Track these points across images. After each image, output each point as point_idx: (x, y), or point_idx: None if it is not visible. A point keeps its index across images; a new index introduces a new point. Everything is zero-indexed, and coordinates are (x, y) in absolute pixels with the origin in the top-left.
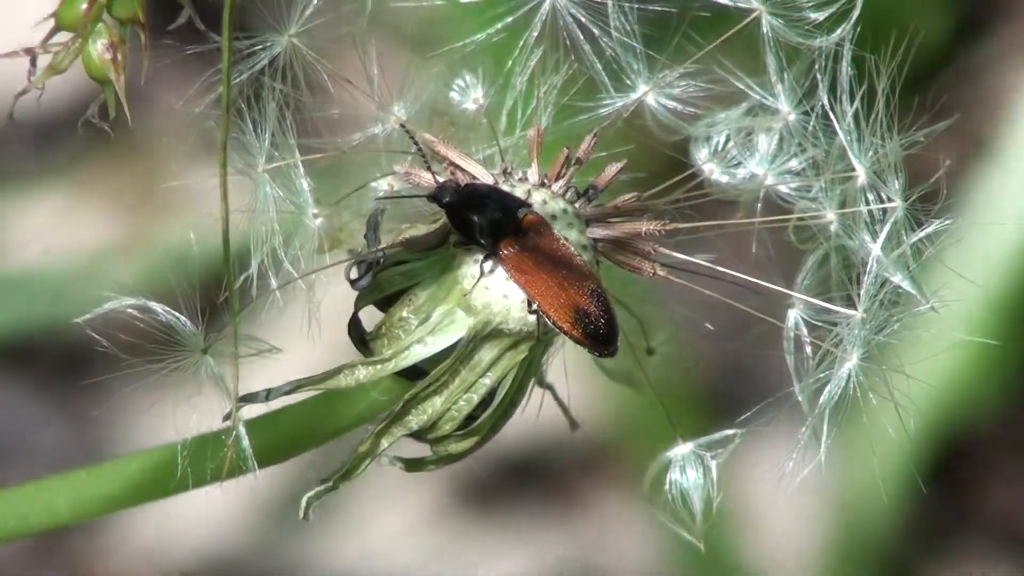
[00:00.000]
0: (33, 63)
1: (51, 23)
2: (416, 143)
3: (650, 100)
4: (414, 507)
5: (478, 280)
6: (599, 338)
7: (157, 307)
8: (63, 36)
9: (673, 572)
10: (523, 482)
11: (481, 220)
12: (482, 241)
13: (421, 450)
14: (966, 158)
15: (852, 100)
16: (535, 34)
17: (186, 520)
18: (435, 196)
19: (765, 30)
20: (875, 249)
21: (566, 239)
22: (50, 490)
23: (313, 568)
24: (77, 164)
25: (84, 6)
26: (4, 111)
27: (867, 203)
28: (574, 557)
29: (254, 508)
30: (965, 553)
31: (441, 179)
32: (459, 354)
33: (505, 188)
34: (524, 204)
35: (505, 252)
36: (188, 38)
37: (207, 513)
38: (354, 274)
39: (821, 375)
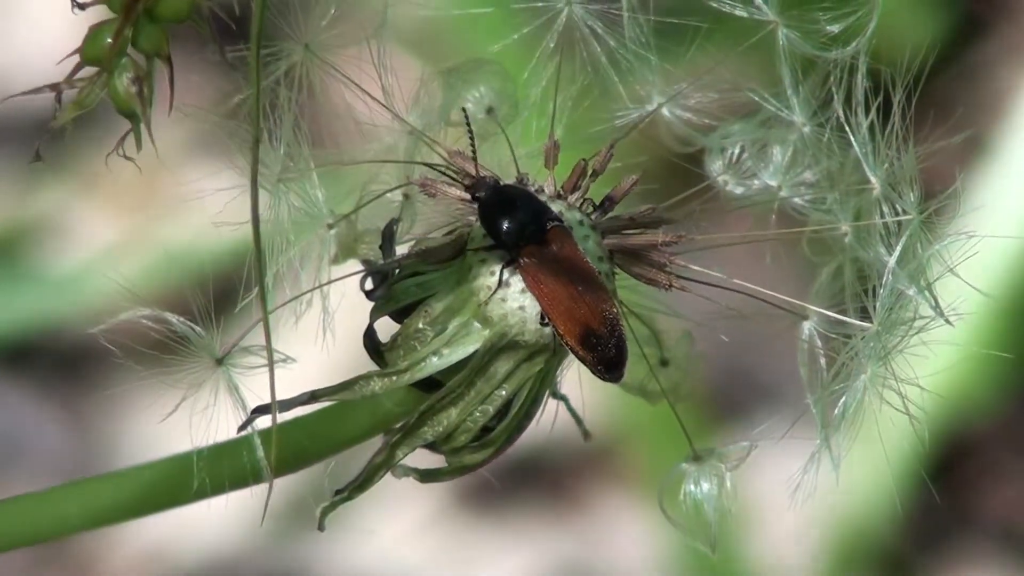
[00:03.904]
0: (59, 99)
1: (76, 58)
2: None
3: (665, 112)
4: (417, 507)
5: (494, 292)
6: (605, 362)
7: (172, 318)
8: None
9: (674, 572)
10: (525, 482)
11: (510, 223)
12: (504, 245)
13: (433, 460)
14: (966, 158)
15: (867, 112)
16: (551, 45)
17: (191, 523)
18: (472, 188)
19: (781, 42)
20: (890, 262)
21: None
22: (61, 497)
23: (317, 570)
24: (79, 163)
25: (109, 40)
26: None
27: (882, 215)
28: (575, 557)
29: (259, 510)
30: (965, 553)
31: (455, 190)
32: (475, 366)
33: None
34: (555, 217)
35: (524, 260)
36: (195, 46)
37: (212, 515)
38: (369, 285)
39: (836, 387)
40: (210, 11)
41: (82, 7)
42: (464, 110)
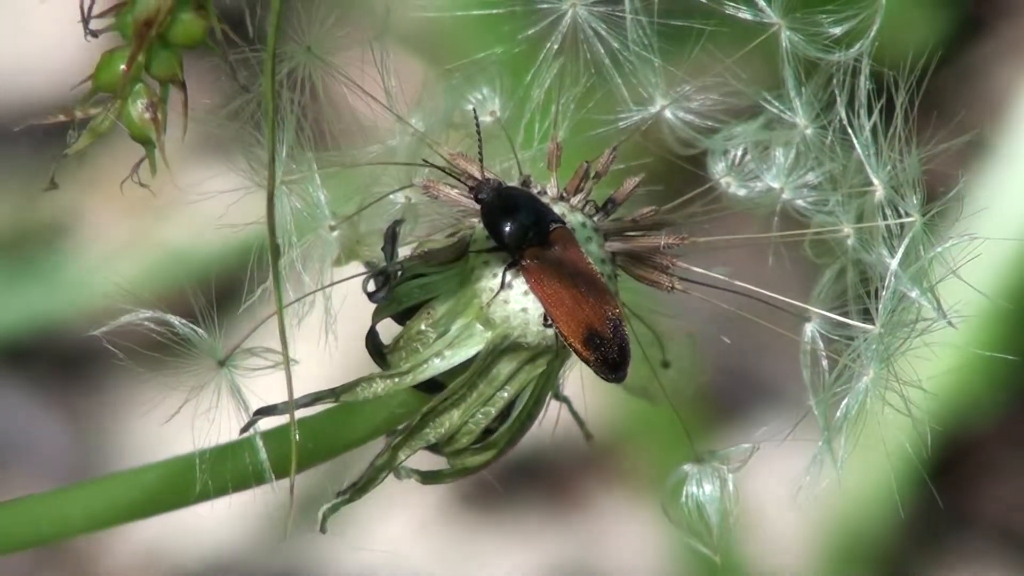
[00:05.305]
0: (73, 126)
1: (89, 84)
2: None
3: (668, 114)
4: (418, 508)
5: (496, 294)
6: (608, 363)
7: (174, 319)
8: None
9: (675, 573)
10: (527, 483)
11: (512, 225)
12: (507, 247)
13: (436, 461)
14: (966, 158)
15: (870, 114)
16: (555, 47)
17: (192, 523)
18: (475, 190)
19: (784, 44)
20: (893, 264)
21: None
22: (62, 499)
23: (318, 571)
24: (82, 164)
25: (123, 67)
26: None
27: (884, 218)
28: (576, 558)
29: (260, 510)
30: (965, 553)
31: (457, 192)
32: (477, 367)
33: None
34: (558, 220)
35: (527, 262)
36: (196, 50)
37: (214, 516)
38: (371, 287)
39: (838, 389)
40: (223, 32)
41: (95, 35)
42: (474, 111)
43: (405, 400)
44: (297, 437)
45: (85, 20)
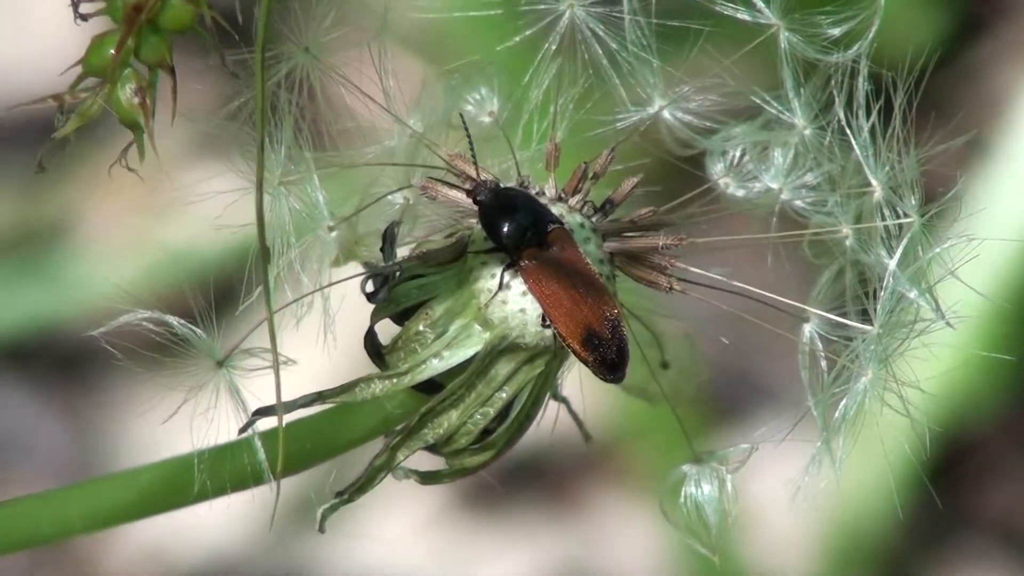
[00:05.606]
0: (62, 110)
1: (79, 68)
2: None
3: (666, 114)
4: (418, 508)
5: (495, 294)
6: (606, 363)
7: (173, 320)
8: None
9: (674, 574)
10: (526, 483)
11: (510, 226)
12: (505, 247)
13: (434, 461)
14: (964, 158)
15: (868, 115)
16: (553, 48)
17: (191, 524)
18: (472, 192)
19: (783, 45)
20: (891, 264)
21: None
22: (62, 500)
23: (318, 571)
24: (81, 164)
25: (112, 52)
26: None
27: (883, 218)
28: (575, 558)
29: (258, 510)
30: (965, 553)
31: (455, 193)
32: (475, 368)
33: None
34: (556, 220)
35: (525, 262)
36: (195, 48)
37: (212, 517)
38: (370, 287)
39: (837, 390)
40: (212, 20)
41: (85, 18)
42: (462, 115)
43: (403, 401)
44: (286, 438)
45: (75, 4)
